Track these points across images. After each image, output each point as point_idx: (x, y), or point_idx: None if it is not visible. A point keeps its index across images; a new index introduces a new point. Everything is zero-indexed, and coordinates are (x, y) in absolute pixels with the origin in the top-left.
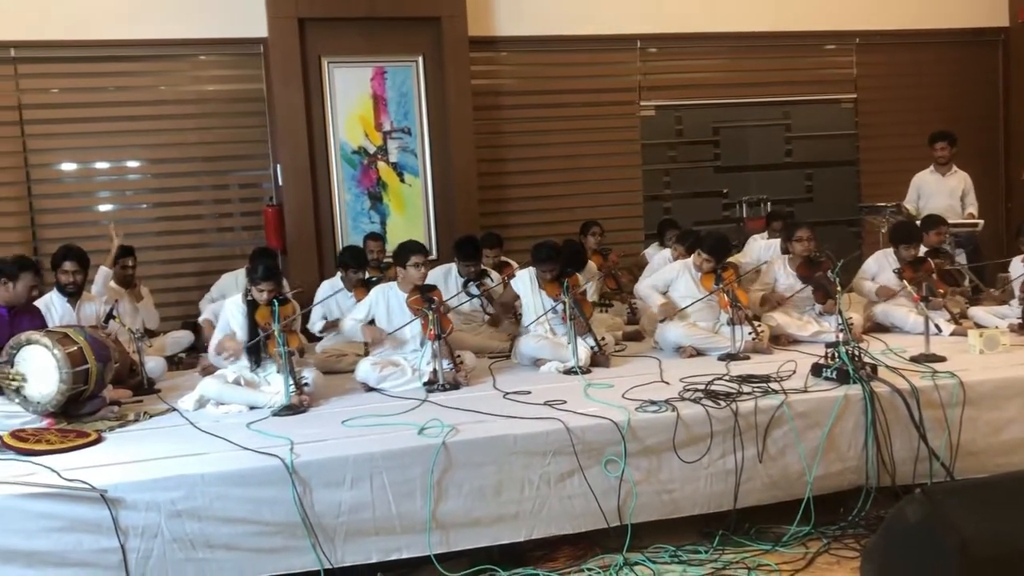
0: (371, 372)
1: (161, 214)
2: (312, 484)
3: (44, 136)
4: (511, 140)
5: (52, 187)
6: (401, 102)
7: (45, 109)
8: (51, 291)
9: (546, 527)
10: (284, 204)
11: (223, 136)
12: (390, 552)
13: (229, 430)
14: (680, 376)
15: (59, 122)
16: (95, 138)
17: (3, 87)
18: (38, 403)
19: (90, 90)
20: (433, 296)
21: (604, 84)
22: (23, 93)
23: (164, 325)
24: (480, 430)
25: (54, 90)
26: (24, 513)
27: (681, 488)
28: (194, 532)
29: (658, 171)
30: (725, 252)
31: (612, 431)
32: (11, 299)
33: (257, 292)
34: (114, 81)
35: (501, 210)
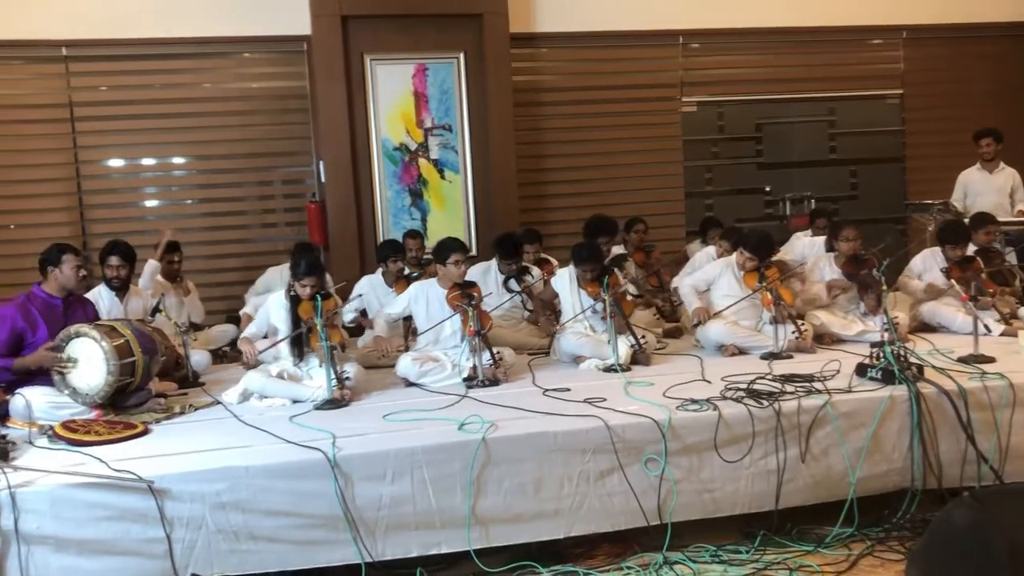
0: (412, 367)
1: (206, 210)
2: (353, 478)
3: (93, 133)
4: (551, 136)
5: (101, 183)
6: (442, 99)
7: (94, 107)
8: (99, 285)
9: (585, 524)
10: (326, 200)
11: (267, 133)
12: (430, 546)
13: (272, 423)
14: (722, 375)
15: (107, 119)
16: (142, 135)
17: (55, 85)
18: (86, 394)
19: (138, 88)
20: (473, 292)
21: (645, 80)
22: (74, 91)
23: (209, 319)
24: (520, 427)
25: (103, 88)
26: (75, 502)
27: (722, 487)
28: (238, 524)
29: (699, 167)
30: (768, 250)
31: (653, 429)
32: (63, 284)
33: (300, 287)
34: (161, 79)
35: (541, 206)
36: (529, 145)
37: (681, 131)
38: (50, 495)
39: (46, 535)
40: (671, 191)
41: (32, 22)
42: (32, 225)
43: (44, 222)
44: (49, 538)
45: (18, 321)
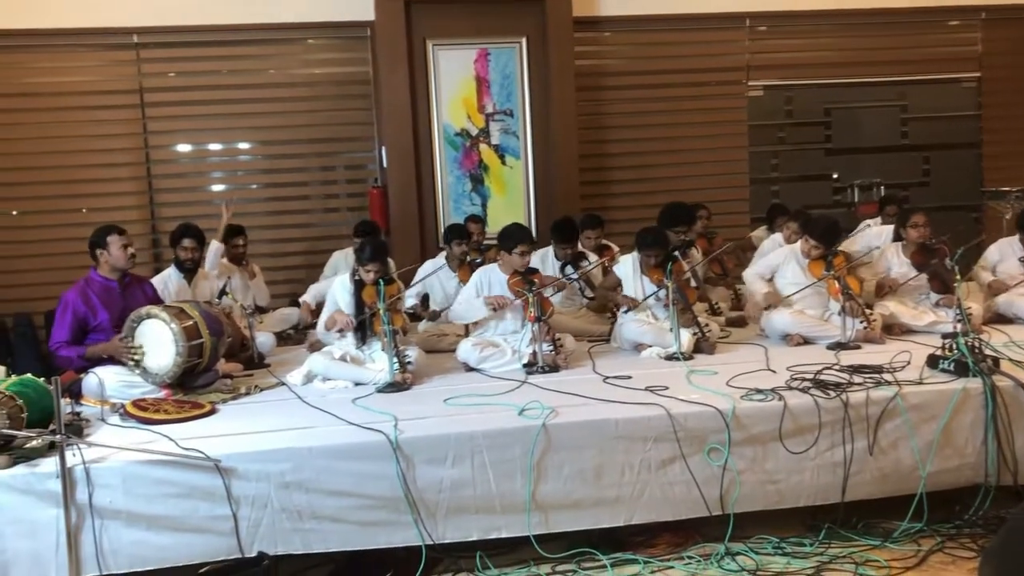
0: (472, 352)
1: (270, 194)
2: (415, 460)
3: (162, 119)
4: (614, 121)
5: (169, 167)
6: (504, 84)
7: (163, 92)
8: (169, 267)
9: (646, 513)
10: (388, 186)
11: (330, 119)
12: (490, 531)
13: (335, 405)
14: (787, 364)
15: (176, 105)
16: (209, 120)
17: (126, 71)
18: (156, 374)
19: (204, 74)
20: (534, 279)
21: (711, 64)
22: (144, 77)
23: (273, 302)
24: (580, 413)
25: (171, 74)
26: (146, 479)
27: (786, 479)
28: (302, 503)
29: (765, 153)
30: (835, 238)
31: (716, 419)
32: (113, 265)
33: (364, 272)
34: (227, 65)
35: (602, 192)
36: (591, 130)
37: (747, 116)
38: (122, 471)
39: (118, 510)
40: (735, 177)
41: (105, 10)
42: (104, 209)
43: (115, 206)
44: (121, 512)
45: (79, 306)
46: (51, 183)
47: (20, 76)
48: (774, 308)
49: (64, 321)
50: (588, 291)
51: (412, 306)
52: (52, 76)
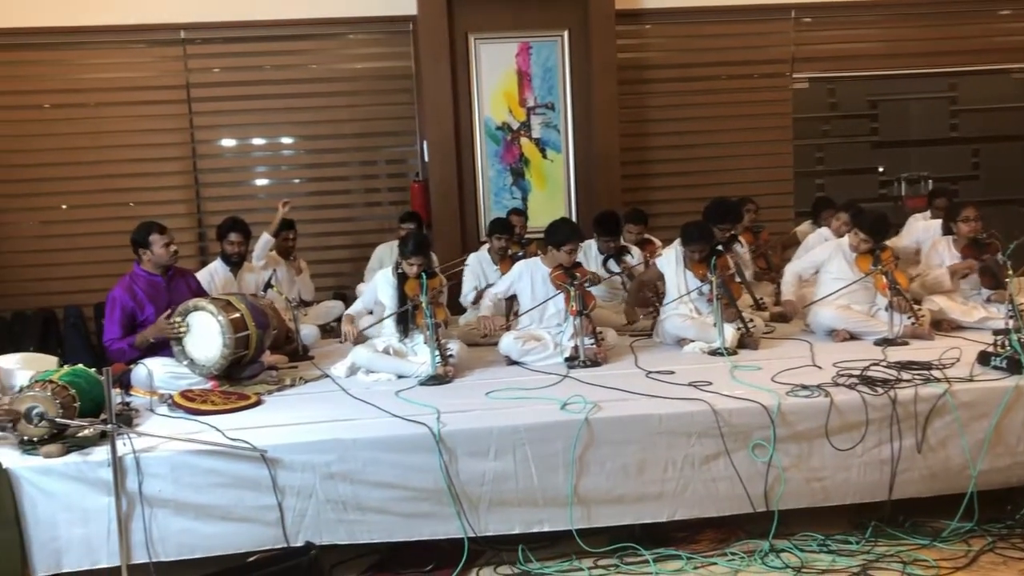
0: (514, 346)
1: (313, 188)
2: (457, 453)
3: (208, 114)
4: (656, 115)
5: (214, 162)
6: (545, 77)
7: (208, 88)
8: (215, 260)
9: (689, 509)
10: (429, 179)
11: (372, 113)
12: (532, 524)
13: (379, 397)
14: (833, 360)
15: (221, 100)
16: (253, 115)
17: (173, 67)
18: (203, 366)
19: (248, 69)
20: (576, 272)
21: (755, 56)
22: (191, 73)
23: (317, 295)
24: (623, 408)
25: (215, 70)
26: (194, 468)
27: (832, 476)
28: (346, 494)
29: (810, 146)
30: (884, 232)
31: (761, 415)
32: (156, 262)
33: (407, 265)
34: (271, 60)
35: (644, 186)
36: (632, 124)
37: (791, 108)
38: (170, 461)
39: (167, 498)
40: (779, 170)
41: (152, 7)
42: (152, 203)
43: (163, 199)
44: (169, 501)
45: (126, 302)
46: (99, 177)
47: (70, 72)
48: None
49: (114, 318)
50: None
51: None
52: (101, 72)
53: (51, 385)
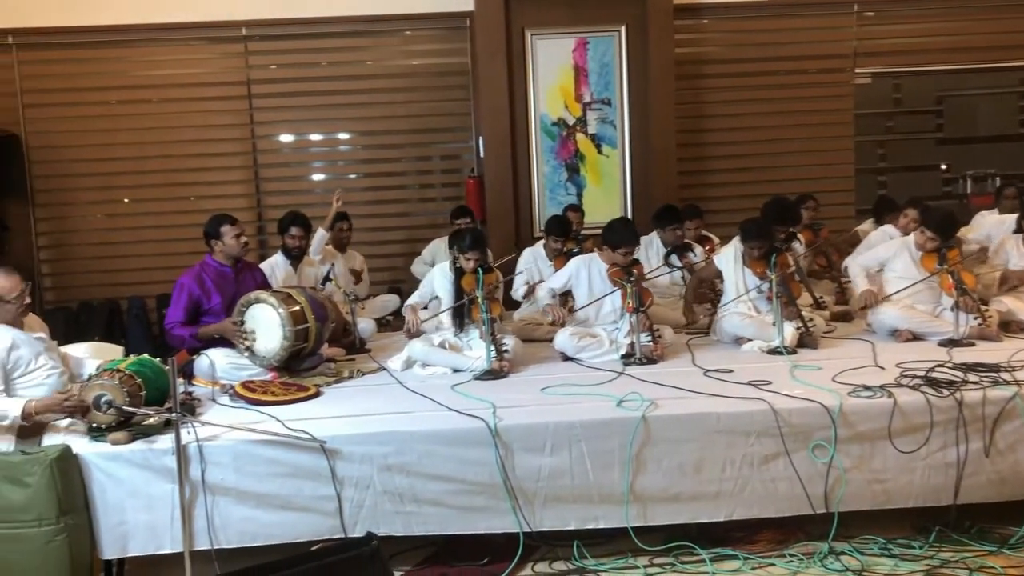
0: (569, 342)
1: (369, 184)
2: (513, 448)
3: (267, 109)
4: (713, 110)
5: (273, 157)
6: (602, 73)
7: (268, 84)
8: (276, 254)
9: (747, 509)
10: (484, 175)
11: (428, 109)
12: (587, 521)
13: (435, 391)
14: (896, 361)
15: (279, 96)
16: (310, 111)
17: (235, 64)
18: (264, 357)
19: (307, 65)
20: (634, 269)
21: (815, 51)
22: (251, 69)
23: (372, 289)
24: (681, 406)
25: (273, 66)
26: (255, 458)
27: (895, 479)
28: (403, 486)
29: (872, 143)
30: (953, 230)
31: (822, 415)
32: (227, 253)
33: (464, 260)
34: (328, 57)
35: (701, 182)
36: (689, 119)
37: (853, 104)
38: (232, 450)
39: (228, 487)
40: (840, 167)
41: (215, 4)
42: (213, 197)
43: (224, 194)
44: (231, 490)
45: (194, 289)
46: (163, 172)
47: (133, 69)
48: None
49: (179, 303)
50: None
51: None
52: (165, 69)
53: (118, 374)
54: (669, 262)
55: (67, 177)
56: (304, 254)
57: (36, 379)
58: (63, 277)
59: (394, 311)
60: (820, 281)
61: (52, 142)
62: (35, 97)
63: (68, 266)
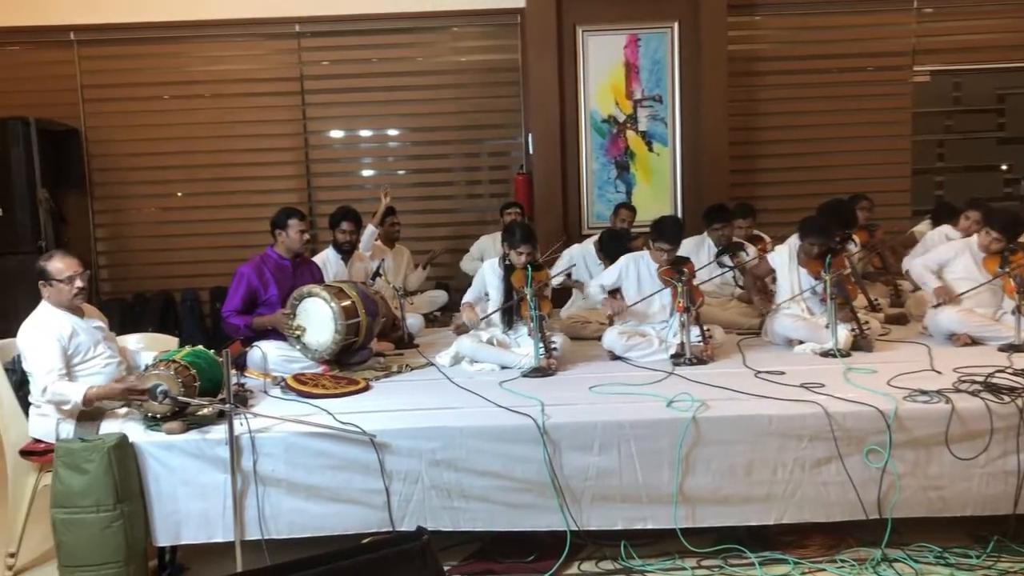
0: (618, 341)
1: (417, 180)
2: (561, 446)
3: (319, 105)
4: (766, 108)
5: (324, 152)
6: (653, 70)
7: (319, 80)
8: (327, 248)
9: (798, 513)
10: (533, 172)
11: (478, 106)
12: (635, 521)
13: (483, 387)
14: (953, 365)
15: (331, 92)
16: (360, 107)
17: (288, 60)
18: (315, 351)
19: (357, 62)
20: (684, 268)
21: (873, 48)
22: (304, 65)
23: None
24: (732, 408)
25: (324, 62)
26: (306, 450)
27: (951, 486)
28: (451, 481)
29: (930, 142)
30: (1017, 231)
31: (876, 419)
32: (288, 246)
33: (516, 255)
34: (379, 53)
35: (753, 181)
36: (742, 117)
37: (911, 103)
38: (284, 441)
39: (280, 478)
40: (896, 167)
41: (270, 1)
42: (266, 192)
43: (276, 188)
44: (282, 481)
45: (252, 279)
46: (216, 167)
47: (189, 65)
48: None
49: (237, 292)
50: (742, 281)
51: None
52: (219, 65)
53: (174, 364)
54: (720, 262)
55: (123, 171)
56: (354, 249)
57: (95, 367)
58: (119, 269)
59: (441, 307)
60: (874, 283)
61: (110, 136)
62: (94, 92)
63: (124, 258)
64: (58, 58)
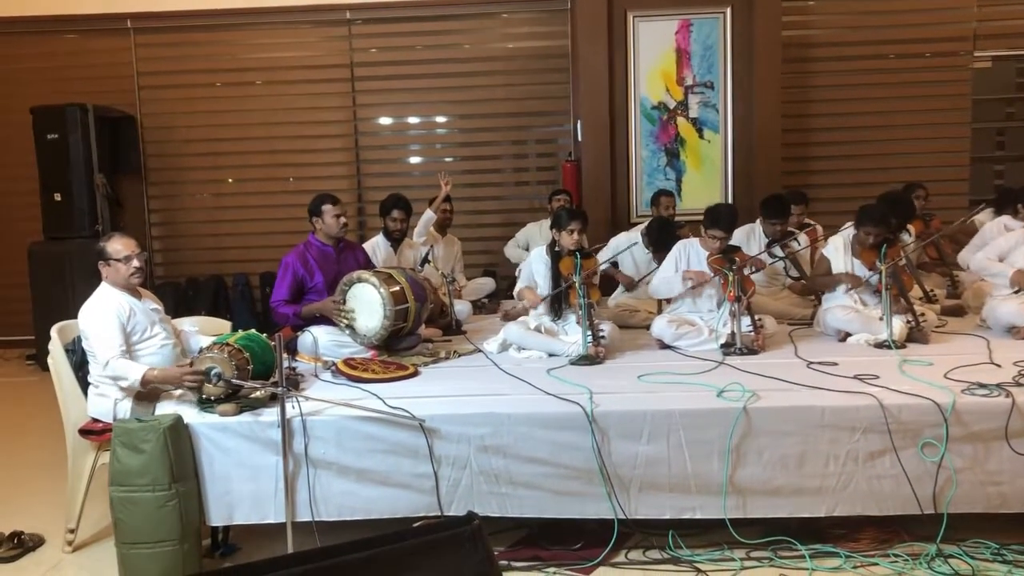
0: (667, 329)
1: (465, 167)
2: (610, 434)
3: (368, 92)
4: (820, 95)
5: (373, 139)
6: (705, 55)
7: (369, 67)
8: (377, 235)
9: (850, 506)
10: (582, 159)
11: (526, 93)
12: (683, 510)
13: (530, 374)
14: (1013, 359)
15: (380, 79)
16: (409, 94)
17: (339, 47)
18: (364, 336)
19: (407, 49)
20: (735, 256)
21: (931, 33)
22: (354, 52)
23: (468, 272)
24: (783, 398)
25: (373, 50)
26: (356, 434)
27: (1011, 482)
28: (499, 467)
29: (990, 130)
30: None
31: (933, 412)
32: (327, 232)
33: (567, 235)
34: (428, 40)
35: (805, 169)
36: (795, 104)
37: (970, 89)
38: (335, 425)
39: (330, 461)
40: (954, 155)
41: None
42: (316, 178)
43: (326, 175)
44: (333, 464)
45: (298, 268)
46: (267, 152)
47: (241, 52)
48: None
49: (284, 281)
50: (793, 271)
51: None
52: (271, 52)
53: (227, 348)
54: (771, 252)
55: (177, 157)
56: (404, 236)
57: (151, 347)
58: (172, 253)
59: (489, 294)
60: (930, 274)
61: (164, 123)
62: (149, 79)
63: (177, 243)
64: (115, 46)
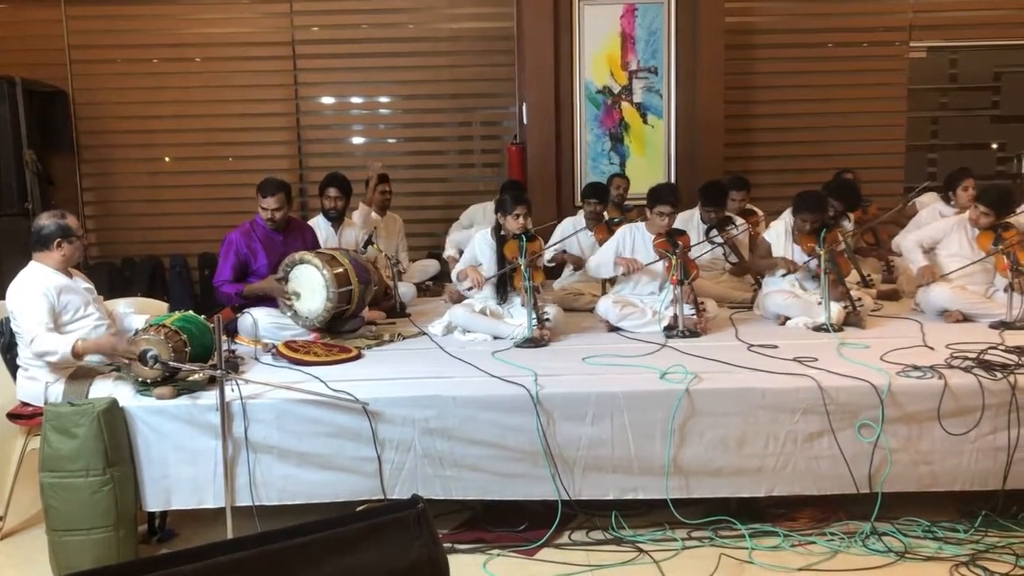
0: (612, 309)
1: (409, 148)
2: (555, 416)
3: (310, 71)
4: (762, 81)
5: (315, 119)
6: (649, 40)
7: (311, 45)
8: (317, 216)
9: (789, 485)
10: (527, 142)
11: (471, 74)
12: (627, 491)
13: (476, 357)
14: (945, 342)
15: (322, 57)
16: (352, 73)
17: (281, 23)
18: (306, 318)
19: (349, 27)
20: (679, 240)
21: (870, 22)
22: (296, 30)
23: (412, 254)
24: (725, 380)
25: (316, 27)
26: (298, 417)
27: (942, 461)
28: (443, 450)
29: (925, 119)
30: (1008, 207)
31: (869, 394)
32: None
33: (512, 219)
34: (371, 18)
35: (747, 155)
36: (737, 90)
37: (907, 79)
38: (275, 408)
39: (271, 444)
40: (890, 143)
41: None
42: (256, 157)
43: (266, 154)
44: (273, 448)
45: (241, 247)
46: (206, 131)
47: (179, 27)
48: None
49: (227, 261)
50: (732, 256)
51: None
52: (210, 28)
53: (164, 329)
54: (710, 238)
55: (112, 134)
56: (341, 216)
57: (85, 327)
58: (107, 233)
59: (433, 276)
60: (866, 259)
61: (98, 99)
62: (82, 53)
63: (112, 222)
64: (46, 16)
